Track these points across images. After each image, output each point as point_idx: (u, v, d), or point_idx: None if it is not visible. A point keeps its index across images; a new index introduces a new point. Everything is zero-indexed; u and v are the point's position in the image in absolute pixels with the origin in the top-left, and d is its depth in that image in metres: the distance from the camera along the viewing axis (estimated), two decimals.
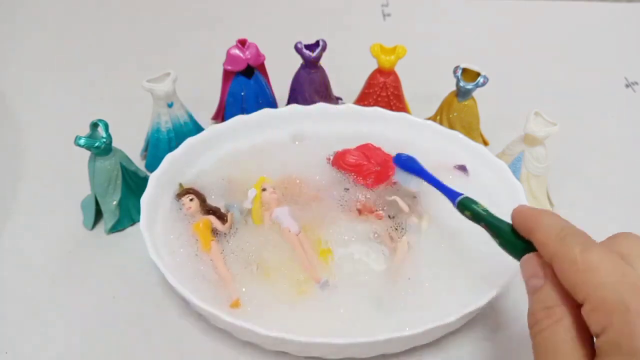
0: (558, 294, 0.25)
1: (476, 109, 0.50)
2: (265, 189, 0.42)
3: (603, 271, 0.23)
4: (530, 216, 0.28)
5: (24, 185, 0.49)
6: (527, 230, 0.28)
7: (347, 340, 0.32)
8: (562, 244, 0.25)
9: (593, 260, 0.24)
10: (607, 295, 0.23)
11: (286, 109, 0.49)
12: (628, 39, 0.73)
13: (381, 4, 0.77)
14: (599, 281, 0.23)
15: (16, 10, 0.74)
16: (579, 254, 0.24)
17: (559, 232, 0.26)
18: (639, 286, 0.22)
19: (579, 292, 0.24)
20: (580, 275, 0.24)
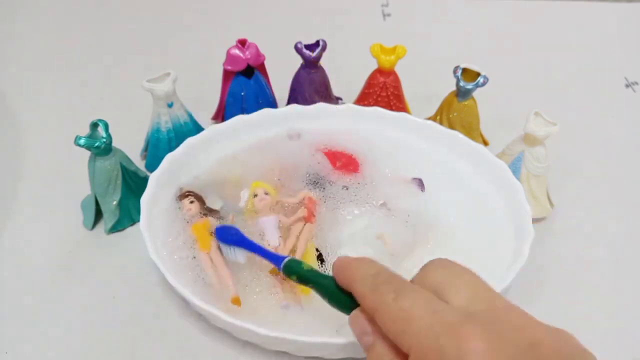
0: (390, 348, 0.25)
1: (476, 109, 0.50)
2: (256, 194, 0.42)
3: (417, 316, 0.23)
4: (347, 267, 0.28)
5: (24, 185, 0.49)
6: (347, 283, 0.28)
7: (347, 340, 0.32)
8: (376, 295, 0.25)
9: (406, 306, 0.24)
10: (423, 343, 0.22)
11: (286, 109, 0.49)
12: (628, 39, 0.73)
13: (381, 4, 0.77)
14: (415, 329, 0.23)
15: (16, 10, 0.74)
16: (393, 303, 0.24)
17: (372, 281, 0.26)
18: (451, 323, 0.22)
19: (402, 343, 0.23)
20: (398, 326, 0.24)
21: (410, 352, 0.23)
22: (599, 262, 0.44)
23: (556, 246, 0.45)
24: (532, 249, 0.37)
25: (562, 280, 0.42)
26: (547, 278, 0.42)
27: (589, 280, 0.42)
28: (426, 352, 0.22)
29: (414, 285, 0.26)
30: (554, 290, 0.41)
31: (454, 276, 0.25)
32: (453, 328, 0.22)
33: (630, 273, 0.43)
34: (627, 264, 0.44)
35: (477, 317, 0.23)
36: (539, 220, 0.46)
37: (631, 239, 0.46)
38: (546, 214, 0.46)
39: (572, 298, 0.41)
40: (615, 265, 0.44)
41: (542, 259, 0.43)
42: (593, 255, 0.44)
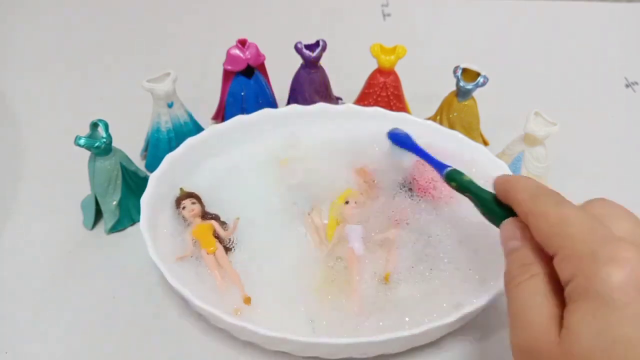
0: (534, 253, 0.26)
1: (476, 109, 0.50)
2: (348, 202, 0.42)
3: (573, 224, 0.24)
4: (508, 181, 0.29)
5: (24, 185, 0.49)
6: (505, 193, 0.29)
7: (347, 340, 0.32)
8: (536, 201, 0.26)
9: (564, 214, 0.25)
10: (576, 246, 0.23)
11: (286, 109, 0.49)
12: (628, 39, 0.73)
13: (381, 4, 0.77)
14: (569, 233, 0.24)
15: (16, 10, 0.74)
16: (552, 209, 0.25)
17: (533, 191, 0.27)
18: (607, 237, 0.23)
19: (551, 244, 0.25)
20: (552, 229, 0.25)
21: (558, 252, 0.24)
22: None
23: None
24: None
25: None
26: None
27: None
28: (577, 253, 0.23)
29: (578, 206, 0.26)
30: None
31: (616, 210, 0.26)
32: (609, 240, 0.23)
33: None
34: None
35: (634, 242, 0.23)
36: None
37: None
38: None
39: None
40: None
41: None
42: None
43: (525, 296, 0.25)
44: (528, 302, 0.25)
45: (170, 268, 0.36)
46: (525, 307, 0.25)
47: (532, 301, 0.24)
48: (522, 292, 0.25)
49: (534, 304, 0.24)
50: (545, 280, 0.25)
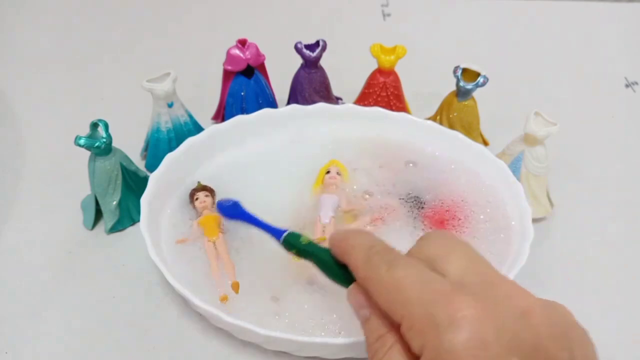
0: (385, 320, 0.25)
1: (476, 109, 0.50)
2: (329, 171, 0.44)
3: (409, 286, 0.23)
4: (343, 239, 0.28)
5: (24, 185, 0.49)
6: (342, 255, 0.28)
7: (347, 340, 0.32)
8: (369, 266, 0.25)
9: (399, 276, 0.24)
10: (416, 311, 0.22)
11: (286, 109, 0.49)
12: (628, 39, 0.73)
13: (381, 4, 0.77)
14: (405, 297, 0.23)
15: (16, 10, 0.74)
16: (385, 274, 0.24)
17: (366, 252, 0.26)
18: (444, 292, 0.22)
19: (394, 313, 0.24)
20: (390, 296, 0.24)
21: (402, 322, 0.23)
22: (599, 262, 0.44)
23: (556, 246, 0.45)
24: (532, 249, 0.37)
25: (562, 280, 0.42)
26: (547, 278, 0.42)
27: (589, 280, 0.42)
28: (417, 321, 0.22)
29: (408, 257, 0.26)
30: (554, 290, 0.41)
31: (449, 248, 0.25)
32: (444, 297, 0.22)
33: (630, 273, 0.43)
34: (627, 263, 0.44)
35: (469, 287, 0.23)
36: (539, 220, 0.46)
37: (631, 239, 0.46)
38: (546, 214, 0.46)
39: (572, 298, 0.40)
40: (615, 265, 0.44)
41: (542, 259, 0.43)
42: (593, 255, 0.44)
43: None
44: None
45: (170, 268, 0.36)
46: None
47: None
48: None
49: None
50: (401, 351, 0.23)
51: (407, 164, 0.47)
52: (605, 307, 0.41)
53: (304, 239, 0.32)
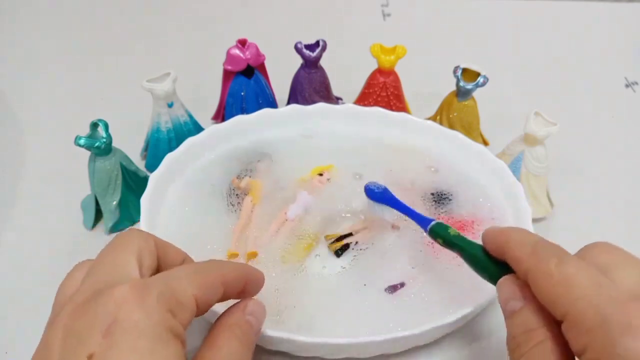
0: (538, 315, 0.24)
1: (476, 109, 0.50)
2: (322, 174, 0.44)
3: (580, 284, 0.22)
4: (500, 235, 0.28)
5: (24, 185, 0.49)
6: (499, 249, 0.27)
7: (347, 340, 0.32)
8: (536, 258, 0.24)
9: (569, 272, 0.23)
10: (585, 311, 0.22)
11: (286, 109, 0.49)
12: (628, 39, 0.73)
13: (381, 4, 0.77)
14: (576, 295, 0.22)
15: (16, 10, 0.74)
16: (555, 267, 0.23)
17: (532, 246, 0.25)
18: (618, 298, 0.22)
19: (557, 308, 0.23)
20: (557, 290, 0.23)
21: (566, 319, 0.22)
22: None
23: None
24: None
25: None
26: None
27: None
28: (585, 320, 0.21)
29: (578, 257, 0.25)
30: None
31: (621, 258, 0.24)
32: (619, 302, 0.21)
33: None
34: None
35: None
36: (539, 220, 0.46)
37: (631, 239, 0.46)
38: (546, 214, 0.46)
39: None
40: None
41: None
42: None
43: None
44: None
45: None
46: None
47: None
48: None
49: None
50: (552, 349, 0.23)
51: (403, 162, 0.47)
52: None
53: (452, 231, 0.32)
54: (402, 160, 0.47)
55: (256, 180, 0.44)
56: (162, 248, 0.28)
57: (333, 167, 0.45)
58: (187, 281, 0.25)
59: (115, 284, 0.23)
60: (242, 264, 0.30)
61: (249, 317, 0.29)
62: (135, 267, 0.25)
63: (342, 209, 0.42)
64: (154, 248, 0.27)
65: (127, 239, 0.27)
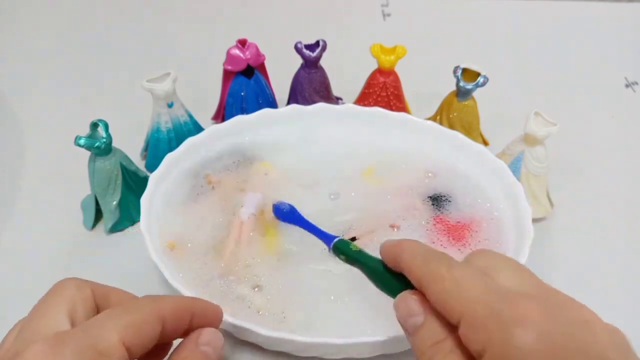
0: (442, 326, 0.24)
1: (476, 109, 0.50)
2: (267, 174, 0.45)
3: (470, 285, 0.23)
4: (395, 247, 0.28)
5: (24, 185, 0.49)
6: (395, 259, 0.28)
7: (347, 341, 0.32)
8: (428, 267, 0.25)
9: (459, 276, 0.24)
10: (477, 309, 0.22)
11: (286, 109, 0.49)
12: (628, 39, 0.73)
13: (381, 4, 0.77)
14: (467, 295, 0.23)
15: (16, 10, 0.74)
16: (446, 272, 0.24)
17: (423, 255, 0.26)
18: (506, 295, 0.22)
19: (452, 312, 0.23)
20: (450, 293, 0.23)
21: (462, 319, 0.23)
22: (599, 262, 0.44)
23: (556, 246, 0.45)
24: (532, 249, 0.37)
25: (562, 280, 0.42)
26: (547, 278, 0.41)
27: (589, 280, 0.42)
28: (480, 318, 0.22)
29: (464, 263, 0.26)
30: None
31: (500, 262, 0.25)
32: (508, 298, 0.22)
33: (630, 273, 0.43)
34: (627, 263, 0.44)
35: (528, 295, 0.23)
36: (539, 220, 0.46)
37: (631, 238, 0.46)
38: (546, 214, 0.46)
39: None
40: (615, 265, 0.44)
41: (542, 259, 0.43)
42: (593, 255, 0.44)
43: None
44: None
45: (170, 268, 0.36)
46: None
47: None
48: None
49: None
50: (461, 355, 0.23)
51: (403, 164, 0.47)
52: (606, 307, 0.40)
53: (353, 246, 0.32)
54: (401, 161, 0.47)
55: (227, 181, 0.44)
56: (101, 294, 0.28)
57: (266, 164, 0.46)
58: (112, 325, 0.24)
59: (34, 342, 0.23)
60: (186, 297, 0.28)
61: (204, 347, 0.28)
62: (64, 320, 0.25)
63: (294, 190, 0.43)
64: (90, 296, 0.27)
65: (58, 290, 0.27)
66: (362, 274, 0.31)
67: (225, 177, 0.45)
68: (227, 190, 0.44)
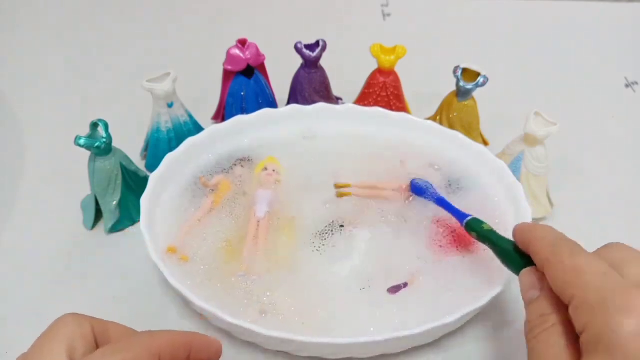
0: (552, 303, 0.27)
1: (476, 109, 0.50)
2: (266, 168, 0.45)
3: (587, 272, 0.25)
4: (527, 230, 0.30)
5: (24, 185, 0.49)
6: (524, 243, 0.30)
7: (347, 340, 0.32)
8: (553, 251, 0.27)
9: (579, 263, 0.25)
10: (588, 294, 0.24)
11: (286, 109, 0.49)
12: (628, 39, 0.73)
13: (381, 4, 0.77)
14: (582, 281, 0.25)
15: (16, 10, 0.74)
16: (567, 258, 0.26)
17: (551, 240, 0.28)
18: (619, 285, 0.24)
19: (565, 293, 0.25)
20: (567, 277, 0.25)
21: (572, 301, 0.24)
22: None
23: None
24: None
25: None
26: None
27: None
28: (589, 302, 0.23)
29: (593, 253, 0.27)
30: None
31: (632, 255, 0.26)
32: (621, 288, 0.23)
33: None
34: None
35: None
36: (539, 220, 0.46)
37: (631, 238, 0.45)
38: (546, 214, 0.46)
39: None
40: None
41: None
42: None
43: (542, 348, 0.25)
44: (545, 353, 0.25)
45: (170, 268, 0.36)
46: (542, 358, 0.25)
47: (549, 353, 0.25)
48: (539, 344, 0.26)
49: (550, 356, 0.25)
50: (562, 331, 0.25)
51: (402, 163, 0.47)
52: None
53: (486, 226, 0.35)
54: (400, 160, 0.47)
55: (227, 181, 0.44)
56: (100, 329, 0.28)
57: (271, 158, 0.46)
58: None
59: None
60: (184, 333, 0.29)
61: None
62: (63, 357, 0.25)
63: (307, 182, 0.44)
64: (89, 332, 0.27)
65: (57, 327, 0.27)
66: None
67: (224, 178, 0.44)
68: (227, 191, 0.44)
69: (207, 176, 0.44)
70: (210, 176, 0.44)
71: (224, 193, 0.43)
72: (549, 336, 0.25)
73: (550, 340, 0.25)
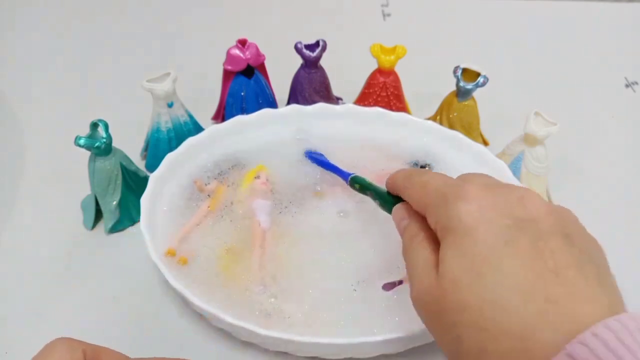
0: (419, 225, 0.30)
1: (476, 109, 0.50)
2: (259, 176, 0.44)
3: (430, 183, 0.29)
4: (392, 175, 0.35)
5: (25, 185, 0.49)
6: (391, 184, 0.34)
7: (347, 340, 0.32)
8: (408, 179, 0.32)
9: (425, 179, 0.30)
10: (434, 199, 0.28)
11: (286, 109, 0.49)
12: (628, 39, 0.73)
13: (381, 4, 0.77)
14: (429, 190, 0.29)
15: (16, 10, 0.74)
16: (417, 179, 0.31)
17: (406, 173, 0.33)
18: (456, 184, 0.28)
19: (420, 206, 0.29)
20: (419, 193, 0.30)
21: (426, 210, 0.28)
22: None
23: None
24: None
25: None
26: None
27: None
28: (435, 203, 0.28)
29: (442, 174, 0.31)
30: None
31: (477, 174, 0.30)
32: (457, 185, 0.28)
33: (630, 273, 0.43)
34: (627, 263, 0.44)
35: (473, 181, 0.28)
36: None
37: (631, 238, 0.46)
38: None
39: None
40: (615, 265, 0.43)
41: None
42: None
43: (413, 256, 0.28)
44: (415, 260, 0.28)
45: (170, 268, 0.36)
46: (414, 265, 0.28)
47: (417, 258, 0.28)
48: (411, 254, 0.29)
49: (419, 260, 0.28)
50: (428, 239, 0.28)
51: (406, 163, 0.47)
52: None
53: (366, 180, 0.39)
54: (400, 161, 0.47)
55: (223, 186, 0.44)
56: (92, 355, 0.28)
57: (261, 167, 0.45)
58: None
59: None
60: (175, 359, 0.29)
61: None
62: None
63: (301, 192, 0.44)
64: (81, 357, 0.27)
65: (49, 351, 0.27)
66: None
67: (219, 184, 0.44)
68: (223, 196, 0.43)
69: (203, 179, 0.44)
70: (207, 179, 0.44)
71: (221, 198, 0.43)
72: (417, 247, 0.28)
73: (418, 250, 0.28)
